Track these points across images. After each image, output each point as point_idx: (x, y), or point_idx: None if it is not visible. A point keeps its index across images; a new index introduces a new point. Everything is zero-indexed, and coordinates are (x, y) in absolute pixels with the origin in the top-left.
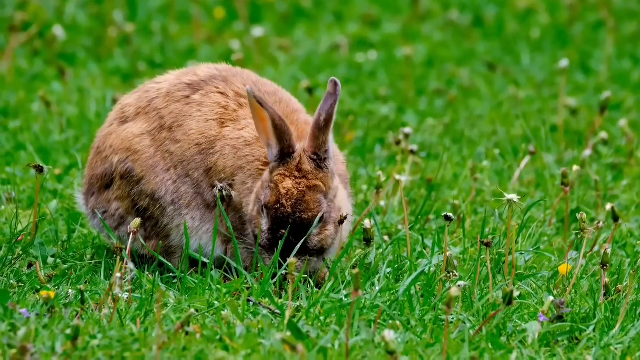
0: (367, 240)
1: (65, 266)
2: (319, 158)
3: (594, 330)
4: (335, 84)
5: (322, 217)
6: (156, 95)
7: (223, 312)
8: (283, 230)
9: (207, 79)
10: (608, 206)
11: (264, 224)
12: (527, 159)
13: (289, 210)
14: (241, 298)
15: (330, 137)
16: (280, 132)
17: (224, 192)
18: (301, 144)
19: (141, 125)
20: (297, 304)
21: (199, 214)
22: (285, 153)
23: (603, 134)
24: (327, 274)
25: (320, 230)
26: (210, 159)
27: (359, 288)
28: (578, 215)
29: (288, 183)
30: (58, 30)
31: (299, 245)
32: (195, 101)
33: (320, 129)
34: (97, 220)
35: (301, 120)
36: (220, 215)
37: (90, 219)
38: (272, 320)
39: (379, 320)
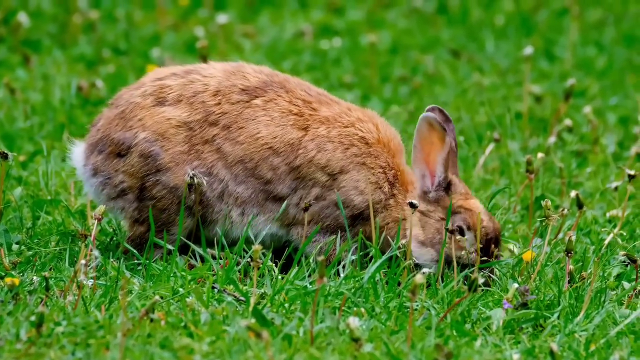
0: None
1: (30, 253)
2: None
3: (558, 317)
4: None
5: None
6: (203, 89)
7: (188, 299)
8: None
9: (261, 86)
10: (572, 193)
11: (469, 244)
12: (491, 146)
13: (492, 224)
14: (206, 285)
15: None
16: (450, 161)
17: (195, 180)
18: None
19: (181, 113)
20: (262, 290)
21: (255, 209)
22: (447, 182)
23: (567, 121)
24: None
25: None
26: (299, 159)
27: (324, 275)
28: (542, 203)
29: (474, 202)
30: (22, 17)
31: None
32: (259, 106)
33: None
34: (95, 180)
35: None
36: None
37: (88, 176)
38: (237, 307)
39: (343, 307)
